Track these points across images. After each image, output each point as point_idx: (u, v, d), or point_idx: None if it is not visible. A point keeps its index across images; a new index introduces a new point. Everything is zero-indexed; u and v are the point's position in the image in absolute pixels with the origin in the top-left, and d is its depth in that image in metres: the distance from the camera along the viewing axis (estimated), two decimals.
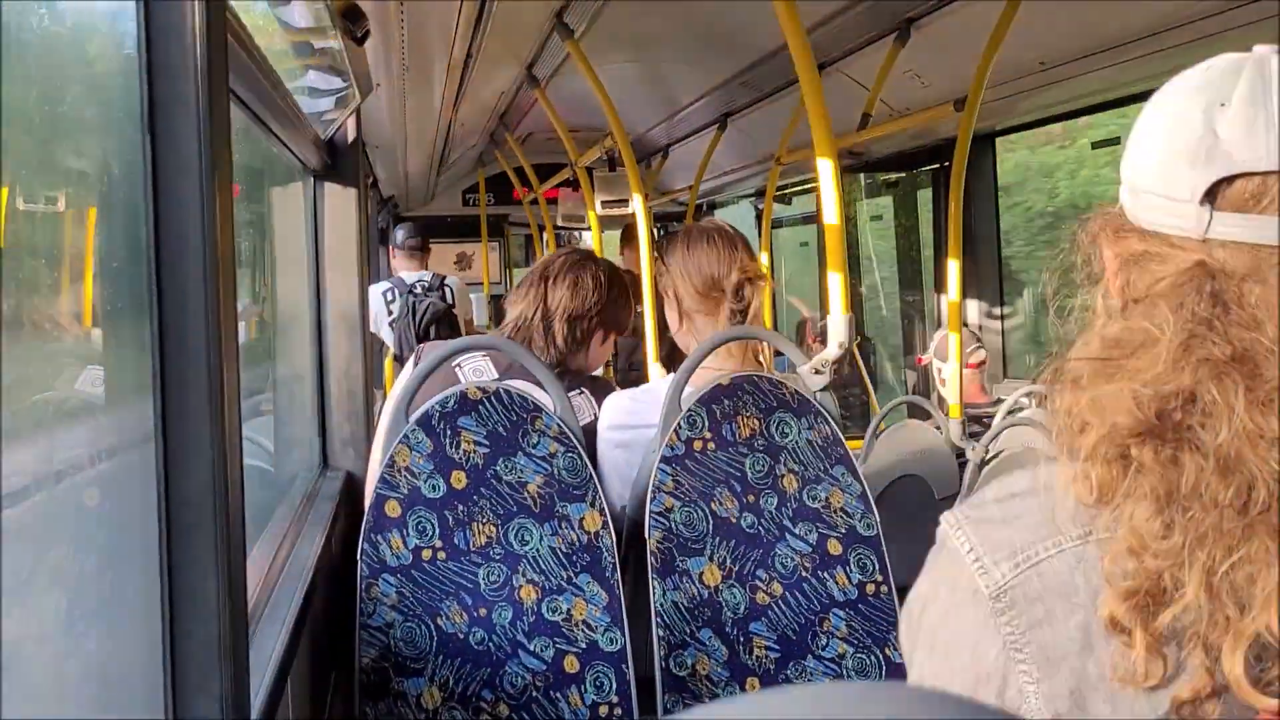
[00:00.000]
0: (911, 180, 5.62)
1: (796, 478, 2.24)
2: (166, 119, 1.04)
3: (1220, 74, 0.89)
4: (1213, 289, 0.84)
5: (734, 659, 2.17)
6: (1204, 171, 0.86)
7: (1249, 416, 0.79)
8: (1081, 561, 0.85)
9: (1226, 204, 0.86)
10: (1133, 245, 0.92)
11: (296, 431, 3.10)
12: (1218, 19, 2.80)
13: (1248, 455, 0.79)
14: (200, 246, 1.07)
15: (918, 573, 0.99)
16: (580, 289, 2.56)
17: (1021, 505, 0.90)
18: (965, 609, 0.90)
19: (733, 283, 2.34)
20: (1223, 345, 0.82)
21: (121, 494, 1.25)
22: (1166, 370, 0.83)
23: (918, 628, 0.95)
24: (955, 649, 0.90)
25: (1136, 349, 0.85)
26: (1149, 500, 0.81)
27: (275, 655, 1.71)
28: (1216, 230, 0.86)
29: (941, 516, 0.95)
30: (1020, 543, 0.88)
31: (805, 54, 2.34)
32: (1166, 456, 0.82)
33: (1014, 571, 0.87)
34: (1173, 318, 0.84)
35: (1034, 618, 0.86)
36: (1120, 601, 0.80)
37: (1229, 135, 0.86)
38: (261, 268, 3.09)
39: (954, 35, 3.59)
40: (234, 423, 1.19)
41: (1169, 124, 0.91)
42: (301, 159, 2.78)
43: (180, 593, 1.17)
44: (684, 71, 5.06)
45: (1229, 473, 0.79)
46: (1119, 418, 0.83)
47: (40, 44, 1.12)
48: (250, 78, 1.77)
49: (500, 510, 2.14)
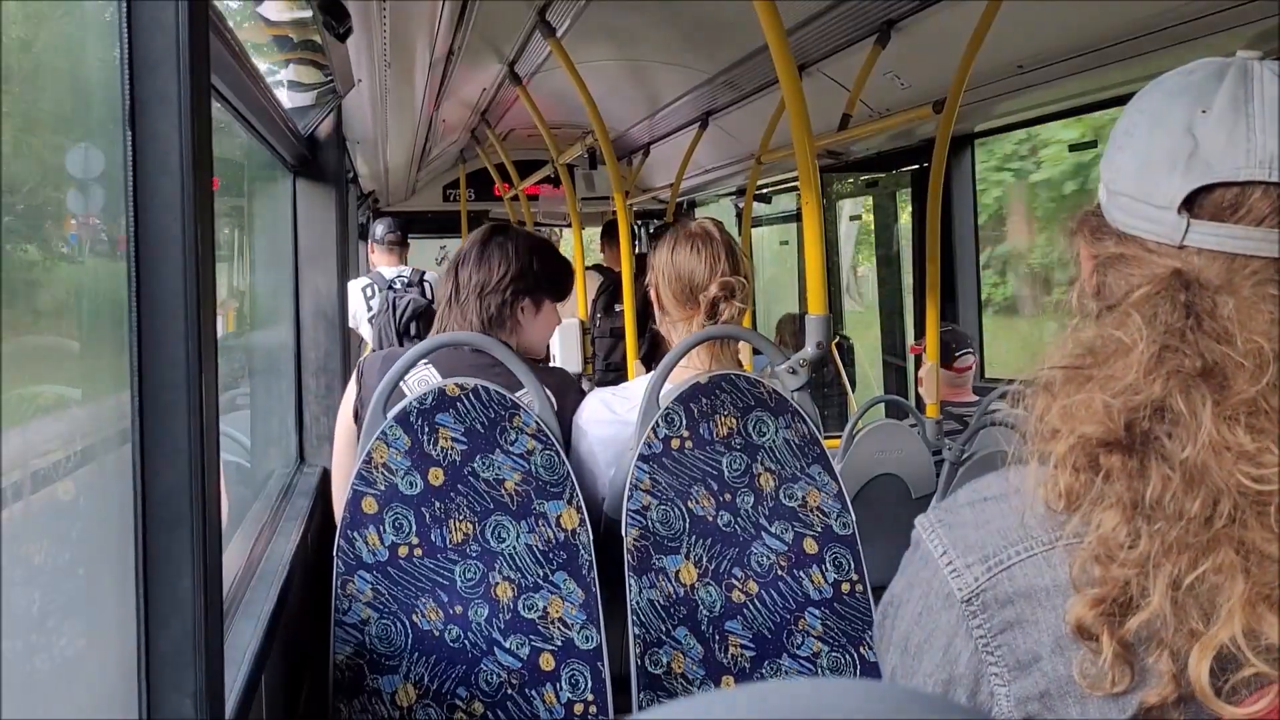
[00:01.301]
0: (891, 180, 5.65)
1: (773, 476, 2.25)
2: (148, 115, 1.03)
3: (1202, 79, 0.89)
4: (1186, 299, 0.84)
5: (709, 657, 2.18)
6: (1183, 179, 0.86)
7: (1216, 429, 0.80)
8: (1051, 566, 0.86)
9: (1204, 212, 0.86)
10: (1109, 247, 0.93)
11: (272, 426, 3.09)
12: (1196, 24, 2.83)
13: (1214, 468, 0.79)
14: (180, 243, 1.07)
15: (894, 572, 0.99)
16: (486, 260, 2.45)
17: (994, 509, 0.91)
18: (938, 611, 0.90)
19: (709, 296, 2.34)
20: (1194, 358, 0.82)
21: (97, 490, 1.25)
22: (1137, 380, 0.83)
23: (891, 628, 0.96)
24: (928, 650, 0.91)
25: (1109, 357, 0.86)
26: (1116, 509, 0.82)
27: (250, 651, 1.71)
28: (1193, 238, 0.86)
29: (916, 519, 0.96)
30: (992, 547, 0.89)
31: (785, 54, 2.34)
32: (1134, 467, 0.82)
33: (986, 575, 0.88)
34: (1146, 329, 0.84)
35: (1005, 621, 0.87)
36: (1087, 608, 0.81)
37: (1209, 142, 0.86)
38: (240, 261, 3.08)
39: (934, 37, 3.61)
40: (212, 419, 1.18)
41: (1149, 127, 0.90)
42: (280, 154, 2.77)
43: (156, 588, 1.17)
44: (665, 70, 5.06)
45: (1195, 485, 0.80)
46: (1088, 427, 0.84)
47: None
48: (231, 73, 1.76)
49: (477, 507, 2.14)
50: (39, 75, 1.18)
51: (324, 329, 3.07)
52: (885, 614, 0.98)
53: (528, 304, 2.47)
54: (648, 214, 8.83)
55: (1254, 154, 0.85)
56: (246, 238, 3.02)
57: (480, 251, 2.47)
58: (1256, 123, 0.85)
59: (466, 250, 2.49)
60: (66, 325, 1.26)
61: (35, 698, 1.17)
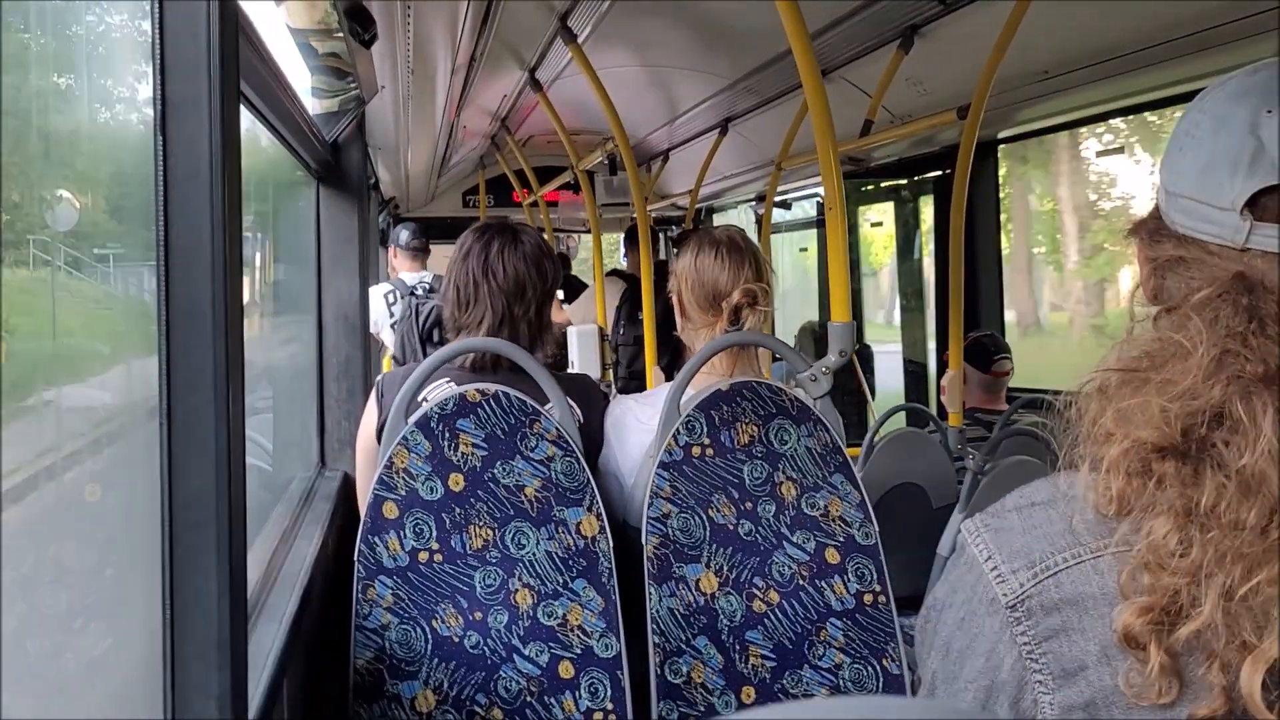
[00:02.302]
0: (914, 187, 5.63)
1: (795, 485, 2.24)
2: (179, 119, 1.04)
3: (1266, 79, 0.88)
4: (1249, 303, 0.83)
5: (730, 667, 2.17)
6: (1246, 180, 0.85)
7: (1277, 437, 0.78)
8: (1099, 574, 0.85)
9: (1268, 214, 0.85)
10: (1168, 250, 0.91)
11: (295, 430, 3.10)
12: (1223, 29, 2.81)
13: (1272, 477, 0.78)
14: (209, 247, 1.07)
15: (916, 582, 0.99)
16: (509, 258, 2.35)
17: (1042, 515, 0.90)
18: (982, 617, 0.89)
19: (732, 303, 2.35)
20: (1255, 363, 0.81)
21: (125, 492, 1.25)
22: (1196, 385, 0.82)
23: (933, 633, 0.95)
24: (970, 655, 0.90)
25: (1167, 361, 0.84)
26: (1168, 516, 0.81)
27: (272, 654, 1.72)
28: (1256, 241, 0.85)
29: (961, 525, 0.95)
30: (1039, 553, 0.87)
31: (809, 59, 2.34)
32: (1188, 473, 0.81)
33: (1032, 581, 0.87)
34: (1206, 332, 0.82)
35: (1050, 628, 0.86)
36: (1136, 616, 0.80)
37: (1274, 143, 0.85)
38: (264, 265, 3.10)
39: (957, 43, 3.60)
40: (239, 423, 1.19)
41: (1213, 128, 0.89)
42: (305, 160, 2.79)
43: (181, 591, 1.17)
44: (686, 76, 5.07)
45: (1252, 494, 0.78)
46: (1144, 431, 0.83)
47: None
48: (258, 79, 1.77)
49: (497, 514, 2.14)
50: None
51: (346, 334, 3.08)
52: (927, 618, 0.97)
53: (537, 307, 2.41)
54: (666, 220, 8.83)
55: None
56: (270, 242, 3.03)
57: (499, 249, 2.37)
58: None
59: (480, 246, 2.38)
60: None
61: (62, 697, 1.17)
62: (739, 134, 5.64)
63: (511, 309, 2.37)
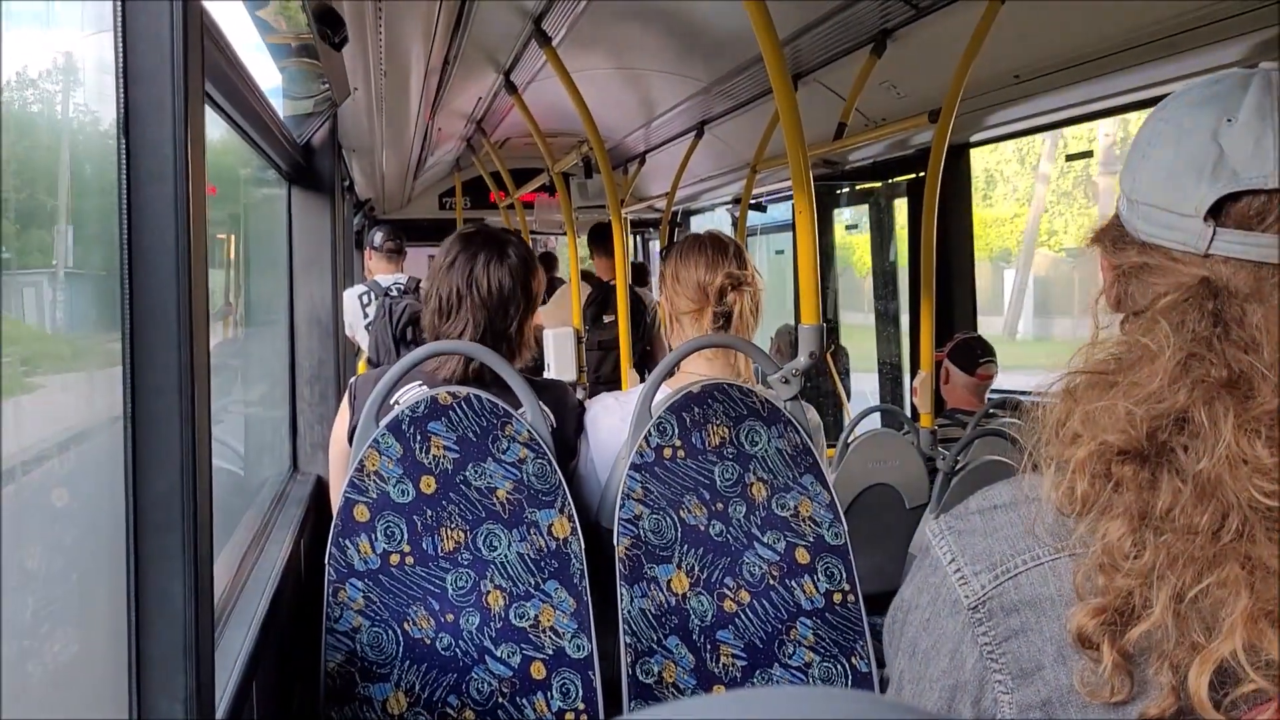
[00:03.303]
0: (888, 189, 5.66)
1: (765, 486, 2.25)
2: (141, 123, 1.04)
3: (1227, 89, 0.89)
4: (1214, 308, 0.84)
5: (701, 667, 2.18)
6: (1209, 186, 0.86)
7: (1235, 441, 0.79)
8: (1057, 576, 0.86)
9: (1230, 220, 0.86)
10: (1131, 257, 0.92)
11: (266, 433, 3.09)
12: (1193, 34, 2.84)
13: (1227, 481, 0.79)
14: (173, 250, 1.07)
15: (887, 581, 1.00)
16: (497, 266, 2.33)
17: (1003, 517, 0.91)
18: (945, 618, 0.91)
19: (716, 287, 2.39)
20: (1219, 367, 0.82)
21: (90, 493, 1.25)
22: (1162, 389, 0.83)
23: (900, 634, 0.97)
24: (935, 656, 0.92)
25: (1134, 364, 0.86)
26: (1123, 519, 0.82)
27: (241, 657, 1.71)
28: (1219, 247, 0.86)
29: (926, 526, 0.96)
30: (999, 555, 0.89)
31: (779, 64, 2.35)
32: (1146, 477, 0.82)
33: (993, 583, 0.89)
34: (1173, 336, 0.84)
35: (1010, 629, 0.87)
36: (1089, 617, 0.81)
37: (1235, 150, 0.86)
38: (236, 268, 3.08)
39: (929, 47, 3.62)
40: (204, 425, 1.19)
41: (1174, 137, 0.90)
42: (277, 163, 2.78)
43: (147, 593, 1.17)
44: (661, 79, 5.08)
45: (1206, 498, 0.79)
46: (1110, 434, 0.84)
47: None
48: (226, 82, 1.77)
49: (469, 516, 2.14)
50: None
51: (318, 337, 3.07)
52: (894, 618, 0.99)
53: (524, 314, 2.41)
54: (643, 223, 8.85)
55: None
56: (241, 245, 3.02)
57: (488, 257, 2.35)
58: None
59: (469, 252, 2.36)
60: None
61: (27, 701, 1.17)
62: (715, 137, 5.65)
63: (493, 322, 2.35)
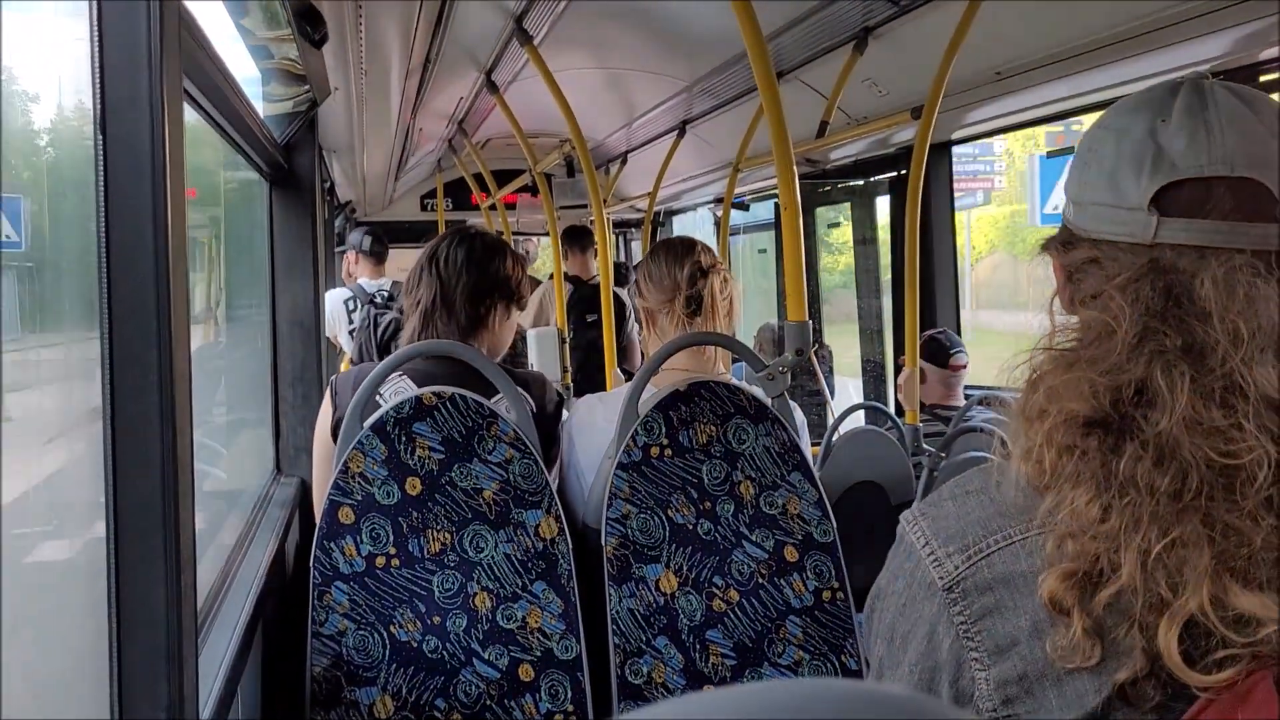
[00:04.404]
0: (871, 187, 5.66)
1: (753, 484, 2.24)
2: (119, 119, 1.02)
3: (1160, 95, 0.96)
4: (1164, 284, 0.89)
5: (690, 666, 2.17)
6: (1150, 179, 0.92)
7: (1191, 406, 0.84)
8: (1029, 553, 0.90)
9: (1173, 209, 0.92)
10: (1081, 254, 0.98)
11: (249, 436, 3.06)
12: (1172, 29, 2.85)
13: (1185, 443, 0.83)
14: (152, 248, 1.05)
15: (874, 579, 1.02)
16: (474, 263, 2.45)
17: (974, 501, 0.95)
18: (921, 601, 0.94)
19: (685, 274, 2.43)
20: (1174, 336, 0.86)
21: (71, 497, 1.23)
22: (1121, 360, 0.87)
23: (878, 620, 1.00)
24: (912, 639, 0.95)
25: (1094, 340, 0.90)
26: (1089, 485, 0.86)
27: (225, 662, 1.69)
28: (1164, 235, 0.91)
29: (901, 515, 1.00)
30: (972, 536, 0.92)
31: (764, 61, 2.35)
32: (1109, 444, 0.86)
33: (966, 563, 0.92)
34: (1129, 310, 0.89)
35: (984, 607, 0.90)
36: (1059, 581, 0.85)
37: (1171, 146, 0.92)
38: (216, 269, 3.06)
39: (911, 44, 3.62)
40: (186, 428, 1.17)
41: (1114, 140, 0.97)
42: (257, 163, 2.75)
43: (128, 598, 1.15)
44: (643, 78, 5.06)
45: (1166, 460, 0.83)
46: (1074, 404, 0.88)
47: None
48: (205, 80, 1.74)
49: (455, 517, 2.13)
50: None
51: (300, 339, 3.05)
52: (872, 606, 1.01)
53: (501, 309, 2.49)
54: (625, 223, 8.83)
55: (1214, 152, 0.91)
56: (222, 246, 3.00)
57: (467, 252, 2.45)
58: (1214, 126, 0.91)
59: (447, 250, 2.46)
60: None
61: (8, 709, 1.15)
62: (697, 136, 5.64)
63: (472, 312, 2.44)
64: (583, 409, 2.46)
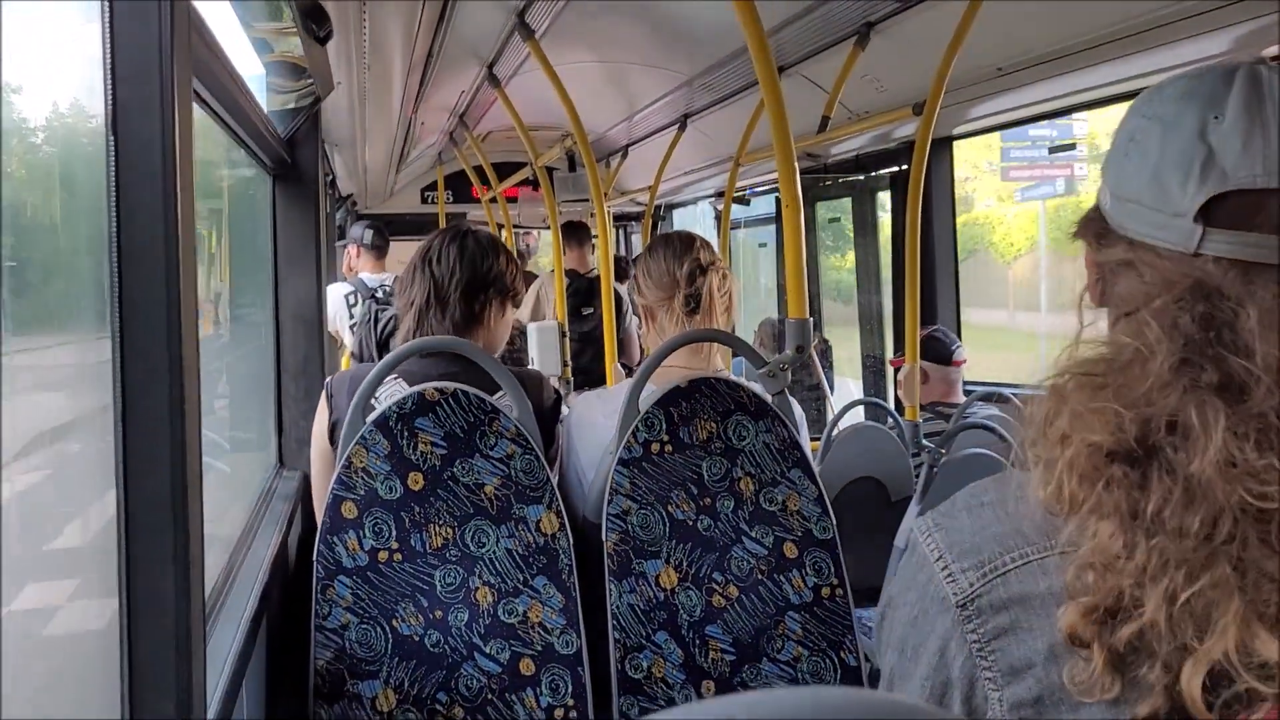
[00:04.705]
0: (872, 182, 5.67)
1: (753, 480, 2.26)
2: (130, 120, 1.03)
3: (1211, 84, 0.88)
4: (1205, 311, 0.83)
5: (690, 662, 2.19)
6: (1199, 186, 0.85)
7: (1226, 444, 0.79)
8: (1046, 574, 0.86)
9: (1220, 220, 0.85)
10: (1117, 254, 0.92)
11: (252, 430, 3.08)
12: (1173, 26, 2.85)
13: (1218, 484, 0.78)
14: (163, 247, 1.07)
15: (873, 575, 1.01)
16: (467, 259, 2.45)
17: (990, 515, 0.91)
18: (934, 615, 0.91)
19: (684, 271, 2.43)
20: (1211, 372, 0.81)
21: (82, 493, 1.24)
22: (1154, 391, 0.82)
23: (889, 629, 0.97)
24: (923, 653, 0.92)
25: (1125, 365, 0.85)
26: (1114, 519, 0.82)
27: (231, 655, 1.71)
28: (1209, 246, 0.85)
29: (914, 521, 0.96)
30: (988, 553, 0.89)
31: (765, 56, 2.36)
32: (1136, 478, 0.81)
33: (981, 581, 0.88)
34: (1165, 339, 0.83)
35: (999, 626, 0.87)
36: (1080, 615, 0.81)
37: (1224, 149, 0.85)
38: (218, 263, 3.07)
39: (913, 40, 3.63)
40: (194, 424, 1.18)
41: (1158, 133, 0.89)
42: (261, 157, 2.76)
43: (138, 592, 1.17)
44: (644, 72, 5.07)
45: (1196, 501, 0.79)
46: (1098, 435, 0.83)
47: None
48: (212, 78, 1.76)
49: (457, 512, 2.14)
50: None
51: (303, 332, 3.06)
52: (884, 615, 0.98)
53: (496, 305, 2.49)
54: (626, 216, 8.84)
55: (1271, 161, 0.84)
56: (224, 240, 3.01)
57: (459, 249, 2.46)
58: (1271, 125, 0.84)
59: (439, 248, 2.47)
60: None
61: (18, 698, 1.16)
62: (698, 130, 5.65)
63: (467, 309, 2.45)
64: (582, 406, 2.47)
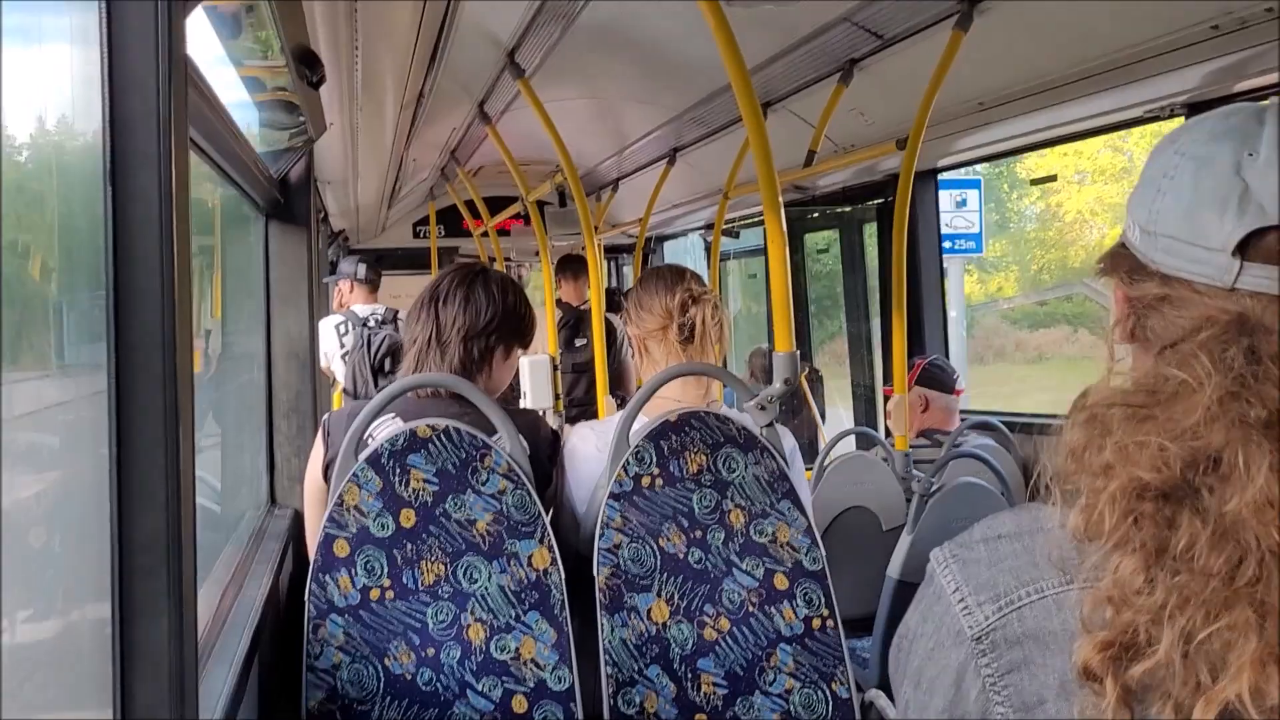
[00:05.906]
0: (858, 214, 5.72)
1: (744, 513, 2.27)
2: (128, 172, 1.05)
3: (1243, 122, 0.89)
4: (1250, 344, 0.83)
5: (682, 696, 2.19)
6: (1236, 222, 0.85)
7: (1267, 485, 0.78)
8: (1061, 609, 0.87)
9: (1258, 255, 0.85)
10: (1151, 289, 0.92)
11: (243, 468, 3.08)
12: (1147, 63, 2.91)
13: (1250, 524, 0.78)
14: (159, 294, 1.08)
15: (865, 604, 1.01)
16: (473, 304, 2.41)
17: (1007, 548, 0.92)
18: (949, 649, 0.92)
19: (677, 302, 2.47)
20: (1258, 407, 0.80)
21: (75, 536, 1.25)
22: (1200, 425, 0.81)
23: (906, 661, 0.97)
24: (939, 686, 0.92)
25: (1170, 399, 0.84)
26: (1138, 555, 0.81)
27: (223, 697, 1.71)
28: (1246, 281, 0.85)
29: (931, 552, 0.96)
30: (1004, 586, 0.89)
31: (748, 93, 2.39)
32: (1166, 514, 0.81)
33: (997, 614, 0.89)
34: (1214, 372, 0.82)
35: (1013, 661, 0.88)
36: (1095, 650, 0.81)
37: (1260, 186, 0.86)
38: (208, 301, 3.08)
39: (896, 75, 3.68)
40: (188, 468, 1.20)
41: (1191, 170, 0.90)
42: (254, 198, 2.79)
43: (131, 636, 1.17)
44: (633, 107, 5.12)
45: (1225, 541, 0.79)
46: (1143, 471, 0.83)
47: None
48: (207, 126, 1.78)
49: (449, 548, 2.15)
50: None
51: (296, 370, 3.07)
52: (900, 646, 0.99)
53: (501, 350, 2.46)
54: (616, 249, 8.88)
55: None
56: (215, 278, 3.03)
57: (466, 293, 2.43)
58: None
59: (446, 289, 2.44)
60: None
61: None
62: (687, 163, 5.70)
63: (469, 351, 2.42)
64: (575, 438, 2.49)
